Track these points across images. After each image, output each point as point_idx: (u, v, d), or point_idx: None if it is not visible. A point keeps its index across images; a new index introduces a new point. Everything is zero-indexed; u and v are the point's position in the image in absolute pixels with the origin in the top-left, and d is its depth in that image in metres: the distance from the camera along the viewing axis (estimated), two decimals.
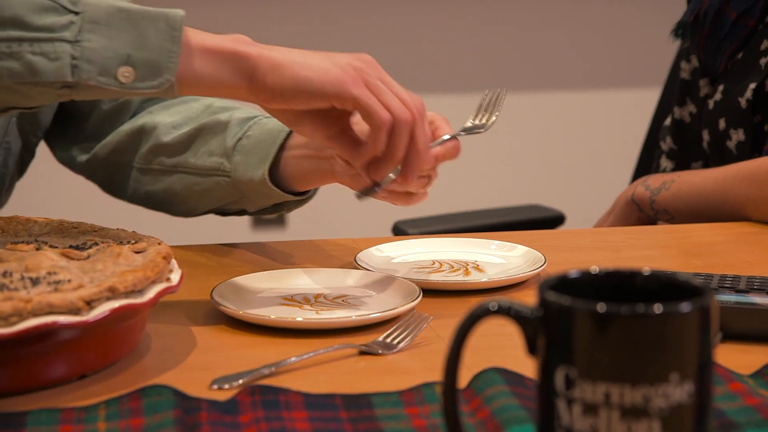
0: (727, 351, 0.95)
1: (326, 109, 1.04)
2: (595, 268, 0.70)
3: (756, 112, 1.52)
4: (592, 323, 0.64)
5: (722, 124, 1.55)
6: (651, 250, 1.34)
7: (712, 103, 1.58)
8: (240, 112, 1.28)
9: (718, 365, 0.90)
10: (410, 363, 0.94)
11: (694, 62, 1.64)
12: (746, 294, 1.01)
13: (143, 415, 0.82)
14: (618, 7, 3.31)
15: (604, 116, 3.37)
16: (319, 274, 1.14)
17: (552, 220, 1.98)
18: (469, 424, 0.81)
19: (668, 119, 1.71)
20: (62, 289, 0.86)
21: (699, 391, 0.65)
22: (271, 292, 1.10)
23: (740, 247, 1.33)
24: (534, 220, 1.96)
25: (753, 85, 1.51)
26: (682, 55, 1.68)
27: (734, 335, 0.97)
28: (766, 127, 1.52)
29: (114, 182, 1.36)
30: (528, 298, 1.10)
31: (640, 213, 1.54)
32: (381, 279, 1.12)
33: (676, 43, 1.73)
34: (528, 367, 0.75)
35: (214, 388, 0.87)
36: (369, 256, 1.21)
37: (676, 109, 1.68)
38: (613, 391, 0.64)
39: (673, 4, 1.97)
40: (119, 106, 1.34)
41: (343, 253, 1.27)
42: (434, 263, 1.22)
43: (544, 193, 3.17)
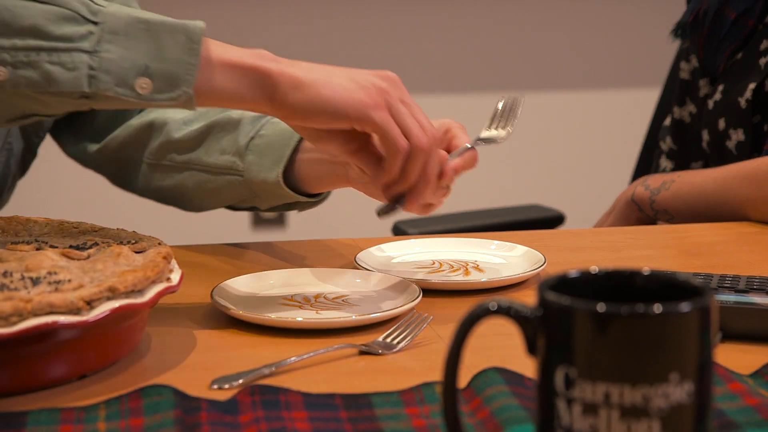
0: (726, 351, 0.95)
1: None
2: (595, 268, 0.70)
3: (756, 112, 1.52)
4: (591, 323, 0.64)
5: (722, 124, 1.55)
6: (651, 250, 1.34)
7: (711, 103, 1.58)
8: None
9: (718, 365, 0.90)
10: (410, 363, 0.94)
11: (694, 62, 1.64)
12: (746, 294, 1.01)
13: (143, 415, 0.82)
14: (618, 7, 3.31)
15: (604, 116, 3.37)
16: (319, 274, 1.14)
17: (552, 220, 1.99)
18: (469, 424, 0.81)
19: (668, 119, 1.71)
20: (62, 289, 0.86)
21: (699, 391, 0.65)
22: (271, 292, 1.10)
23: (740, 247, 1.33)
24: (534, 220, 1.96)
25: (753, 85, 1.51)
26: (682, 55, 1.68)
27: (734, 335, 0.97)
28: (766, 127, 1.52)
29: (123, 176, 1.36)
30: (528, 298, 1.10)
31: (640, 213, 1.54)
32: (381, 279, 1.12)
33: (675, 43, 1.73)
34: (528, 367, 0.75)
35: (214, 388, 0.87)
36: (369, 256, 1.21)
37: (676, 109, 1.68)
38: (613, 391, 0.64)
39: (673, 4, 1.97)
40: None
41: (343, 253, 1.27)
42: (434, 263, 1.22)
43: (544, 193, 3.17)
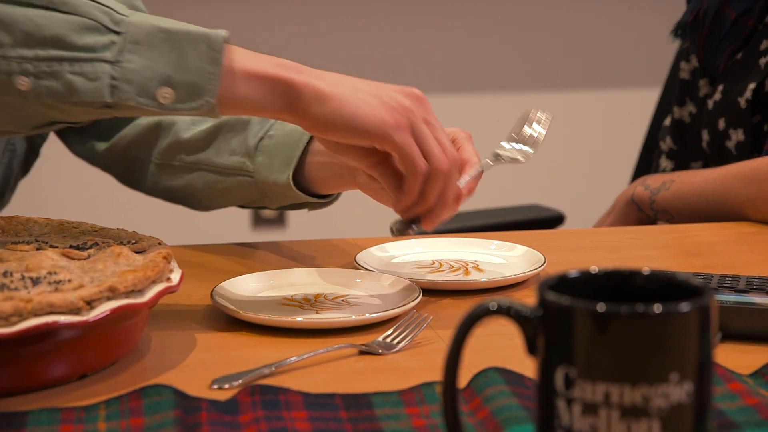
0: (726, 351, 0.95)
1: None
2: (595, 268, 0.70)
3: (755, 112, 1.52)
4: (591, 323, 0.64)
5: (722, 124, 1.55)
6: (651, 250, 1.34)
7: (711, 103, 1.58)
8: None
9: (718, 365, 0.90)
10: (410, 363, 0.94)
11: (694, 62, 1.64)
12: (746, 294, 1.01)
13: (143, 414, 0.82)
14: (618, 7, 3.31)
15: (604, 116, 3.37)
16: (319, 274, 1.14)
17: (552, 220, 1.99)
18: (469, 423, 0.81)
19: (668, 119, 1.71)
20: (62, 288, 0.86)
21: (699, 390, 0.65)
22: (271, 292, 1.10)
23: (740, 247, 1.33)
24: (534, 220, 1.96)
25: (752, 85, 1.51)
26: (682, 55, 1.68)
27: (734, 335, 0.97)
28: (766, 127, 1.52)
29: (131, 175, 1.35)
30: (528, 298, 1.10)
31: (639, 213, 1.54)
32: (381, 279, 1.12)
33: (675, 43, 1.73)
34: (528, 367, 0.75)
35: (214, 388, 0.87)
36: (369, 256, 1.21)
37: (676, 109, 1.68)
38: (613, 390, 0.64)
39: (673, 4, 1.97)
40: None
41: (343, 253, 1.27)
42: (434, 263, 1.22)
43: (544, 193, 3.17)
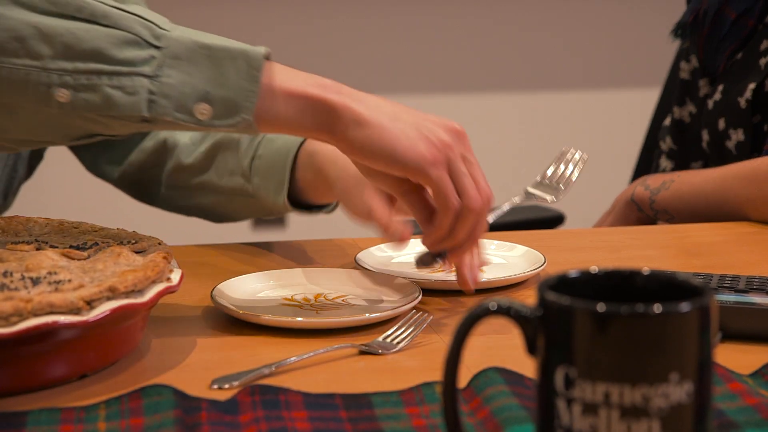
0: (726, 351, 0.95)
1: None
2: (595, 268, 0.70)
3: (755, 112, 1.52)
4: (591, 323, 0.64)
5: (722, 124, 1.55)
6: (651, 250, 1.34)
7: (711, 103, 1.58)
8: None
9: (718, 365, 0.90)
10: (410, 363, 0.94)
11: (694, 62, 1.64)
12: (746, 294, 1.01)
13: (143, 414, 0.82)
14: (618, 7, 3.31)
15: (604, 116, 3.37)
16: (319, 274, 1.14)
17: (552, 220, 1.99)
18: (469, 423, 0.81)
19: (668, 119, 1.71)
20: (62, 288, 0.86)
21: (698, 390, 0.65)
22: (271, 292, 1.10)
23: (740, 247, 1.33)
24: (534, 220, 1.96)
25: (752, 85, 1.51)
26: (682, 55, 1.68)
27: (734, 335, 0.97)
28: (766, 127, 1.52)
29: (146, 196, 1.40)
30: (528, 298, 1.10)
31: (639, 213, 1.54)
32: (381, 279, 1.12)
33: (675, 43, 1.73)
34: (528, 366, 0.75)
35: (214, 388, 0.87)
36: (369, 256, 1.21)
37: (676, 109, 1.68)
38: (613, 390, 0.64)
39: (673, 4, 1.97)
40: None
41: (343, 253, 1.27)
42: None
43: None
